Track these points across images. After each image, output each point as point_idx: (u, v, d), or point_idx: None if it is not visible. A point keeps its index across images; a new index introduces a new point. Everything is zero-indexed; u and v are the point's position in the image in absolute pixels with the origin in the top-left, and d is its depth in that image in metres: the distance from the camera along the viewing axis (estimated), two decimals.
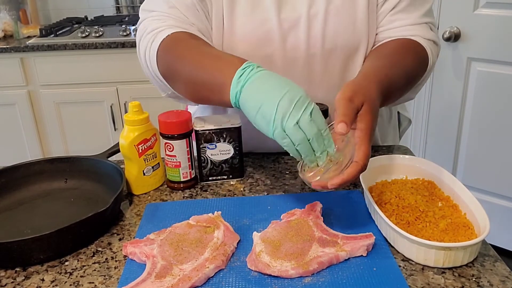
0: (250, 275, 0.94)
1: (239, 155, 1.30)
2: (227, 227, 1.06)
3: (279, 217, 1.12)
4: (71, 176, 1.31)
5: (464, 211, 1.06)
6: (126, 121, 1.22)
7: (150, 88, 3.25)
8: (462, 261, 0.95)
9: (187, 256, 0.97)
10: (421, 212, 1.05)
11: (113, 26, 3.46)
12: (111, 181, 1.23)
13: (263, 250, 0.97)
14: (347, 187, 1.26)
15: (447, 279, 0.92)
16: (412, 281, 0.92)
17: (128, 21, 3.56)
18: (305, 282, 0.91)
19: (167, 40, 1.24)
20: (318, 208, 1.11)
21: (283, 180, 1.31)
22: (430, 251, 0.93)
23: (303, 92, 1.01)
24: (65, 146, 3.45)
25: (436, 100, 3.11)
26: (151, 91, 3.23)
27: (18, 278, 0.98)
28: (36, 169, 1.30)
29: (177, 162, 1.25)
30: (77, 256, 1.04)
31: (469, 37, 2.85)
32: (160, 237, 1.04)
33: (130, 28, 3.33)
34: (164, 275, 0.92)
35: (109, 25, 3.47)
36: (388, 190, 1.14)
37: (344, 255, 0.96)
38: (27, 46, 3.16)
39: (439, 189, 1.16)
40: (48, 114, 3.35)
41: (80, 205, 1.22)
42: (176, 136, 1.23)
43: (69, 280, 0.96)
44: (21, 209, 1.22)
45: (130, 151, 1.22)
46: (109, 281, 0.96)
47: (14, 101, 3.30)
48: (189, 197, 1.26)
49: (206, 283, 0.93)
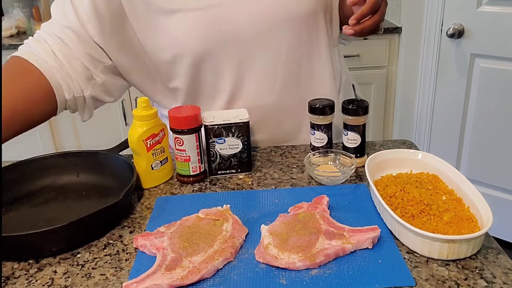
0: (258, 267, 0.94)
1: (247, 149, 1.29)
2: (235, 220, 1.06)
3: (286, 210, 1.12)
4: (83, 170, 1.31)
5: (467, 205, 1.05)
6: (134, 116, 1.22)
7: None
8: (466, 254, 0.95)
9: (196, 248, 0.97)
10: (425, 205, 1.04)
11: None
12: (122, 175, 1.23)
13: (271, 243, 0.97)
14: (353, 180, 1.26)
15: (451, 271, 0.92)
16: (416, 273, 0.91)
17: None
18: (312, 274, 0.91)
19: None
20: (325, 202, 1.11)
21: (291, 174, 1.31)
22: (435, 244, 0.93)
23: None
24: (77, 141, 3.45)
25: (440, 96, 3.11)
26: None
27: (31, 270, 0.98)
28: (49, 163, 1.30)
29: (186, 156, 1.25)
30: (89, 249, 1.04)
31: (472, 34, 2.84)
32: (170, 230, 1.04)
33: None
34: (174, 267, 0.92)
35: None
36: (393, 184, 1.13)
37: (350, 247, 0.96)
38: None
39: (443, 182, 1.15)
40: None
41: (92, 199, 1.22)
42: (186, 131, 1.23)
43: (81, 272, 0.96)
44: (34, 202, 1.22)
45: (138, 145, 1.22)
46: (120, 273, 0.96)
47: None
48: (199, 190, 1.26)
49: (215, 275, 0.93)
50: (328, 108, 1.29)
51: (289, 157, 1.41)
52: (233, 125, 1.26)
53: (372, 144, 1.48)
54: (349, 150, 1.32)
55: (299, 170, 1.33)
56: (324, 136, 1.32)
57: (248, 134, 1.28)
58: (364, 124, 1.29)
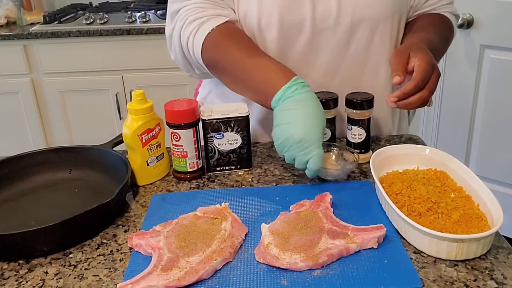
0: (258, 267, 0.94)
1: (247, 145, 1.29)
2: (235, 218, 1.06)
3: (288, 209, 1.12)
4: (75, 167, 1.31)
5: (477, 202, 1.05)
6: (129, 110, 1.22)
7: (156, 76, 3.28)
8: (475, 254, 0.95)
9: (194, 248, 0.97)
10: (433, 203, 1.04)
11: (119, 12, 3.45)
12: (116, 171, 1.23)
13: (271, 242, 0.97)
14: (357, 177, 1.26)
15: (460, 271, 0.92)
16: (424, 274, 0.91)
17: (134, 8, 3.55)
18: (315, 275, 0.91)
19: (214, 34, 1.32)
20: (328, 199, 1.11)
21: (292, 171, 1.31)
22: (443, 243, 0.93)
23: (320, 133, 1.16)
24: (70, 135, 3.45)
25: (449, 89, 3.10)
26: (157, 79, 3.26)
27: (21, 271, 0.98)
28: (40, 159, 1.30)
29: (183, 152, 1.25)
30: (82, 248, 1.04)
31: (482, 24, 2.83)
32: (166, 229, 1.04)
33: (136, 14, 3.32)
34: (170, 267, 0.92)
35: (114, 12, 3.47)
36: (399, 181, 1.13)
37: (354, 247, 0.96)
38: (30, 33, 3.15)
39: (451, 179, 1.15)
40: (52, 103, 3.35)
41: (85, 196, 1.23)
42: (183, 125, 1.23)
43: (73, 273, 0.96)
44: (24, 200, 1.22)
45: (133, 140, 1.22)
46: (114, 273, 0.96)
47: (17, 89, 3.30)
48: (196, 187, 1.26)
49: (213, 276, 0.93)
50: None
51: None
52: (232, 119, 1.25)
53: (377, 139, 1.48)
54: (353, 145, 1.32)
55: None
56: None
57: (248, 128, 1.28)
58: (369, 118, 1.29)
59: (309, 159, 1.15)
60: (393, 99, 1.18)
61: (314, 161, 1.15)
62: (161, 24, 3.14)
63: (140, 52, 3.22)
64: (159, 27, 3.12)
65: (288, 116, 1.16)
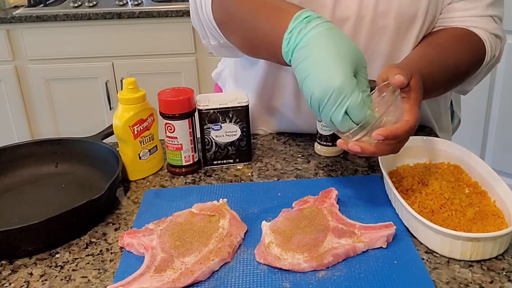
0: (258, 268, 0.94)
1: (246, 136, 1.29)
2: (233, 216, 1.06)
3: (290, 205, 1.12)
4: (62, 160, 1.31)
5: (493, 198, 1.05)
6: (120, 100, 1.22)
7: (148, 63, 3.28)
8: (492, 254, 0.95)
9: (189, 248, 0.97)
10: (446, 199, 1.04)
11: None
12: (106, 165, 1.23)
13: (273, 241, 0.97)
14: (365, 171, 1.26)
15: (475, 273, 0.92)
16: (436, 275, 0.91)
17: None
18: (319, 277, 0.91)
19: None
20: (333, 195, 1.11)
21: (295, 164, 1.31)
22: (456, 242, 0.93)
23: (349, 75, 0.97)
24: (56, 127, 3.46)
25: None
26: (149, 66, 3.26)
27: (4, 272, 0.98)
28: (24, 152, 1.30)
29: (178, 145, 1.25)
30: (69, 248, 1.04)
31: None
32: (159, 227, 1.04)
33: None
34: (164, 268, 0.92)
35: None
36: (410, 175, 1.13)
37: (361, 246, 0.96)
38: (14, 17, 3.15)
39: (466, 174, 1.15)
40: (37, 92, 3.35)
41: (72, 192, 1.23)
42: (178, 115, 1.22)
43: (60, 274, 0.96)
44: (7, 196, 1.22)
45: (124, 132, 1.22)
46: (104, 275, 0.96)
47: (0, 77, 3.30)
48: (192, 182, 1.26)
49: (210, 277, 0.93)
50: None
51: (293, 145, 1.41)
52: (231, 109, 1.25)
53: None
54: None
55: (305, 160, 1.33)
56: None
57: (248, 119, 1.27)
58: None
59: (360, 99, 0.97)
60: (377, 137, 0.98)
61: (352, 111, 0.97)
62: (154, 7, 3.14)
63: (132, 37, 3.22)
64: (151, 10, 3.12)
65: (305, 65, 0.99)
